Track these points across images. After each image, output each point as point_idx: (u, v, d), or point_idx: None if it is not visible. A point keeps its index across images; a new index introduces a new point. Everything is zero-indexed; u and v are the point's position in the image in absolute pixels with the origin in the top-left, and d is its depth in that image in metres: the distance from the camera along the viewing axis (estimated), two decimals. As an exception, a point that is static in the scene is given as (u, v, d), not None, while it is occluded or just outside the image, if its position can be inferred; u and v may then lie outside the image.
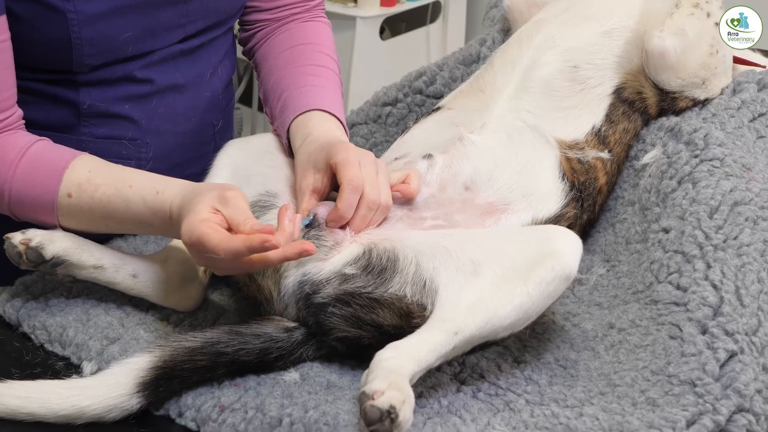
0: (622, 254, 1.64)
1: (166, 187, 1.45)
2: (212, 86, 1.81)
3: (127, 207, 1.46)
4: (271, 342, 1.40)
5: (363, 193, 1.44)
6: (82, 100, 1.65)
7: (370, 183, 1.45)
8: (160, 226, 1.47)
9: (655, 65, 1.69)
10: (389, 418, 1.17)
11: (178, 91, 1.74)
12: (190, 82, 1.76)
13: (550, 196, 1.58)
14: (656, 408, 1.31)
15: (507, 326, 1.34)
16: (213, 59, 1.79)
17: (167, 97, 1.73)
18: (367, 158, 1.48)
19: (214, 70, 1.80)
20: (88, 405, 1.30)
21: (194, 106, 1.76)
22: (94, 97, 1.66)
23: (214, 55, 1.80)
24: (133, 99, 1.69)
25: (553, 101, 1.66)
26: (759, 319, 1.39)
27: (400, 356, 1.27)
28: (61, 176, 1.48)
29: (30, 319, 1.49)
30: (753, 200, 1.53)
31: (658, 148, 1.68)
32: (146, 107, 1.70)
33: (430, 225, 1.50)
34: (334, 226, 1.45)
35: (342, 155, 1.46)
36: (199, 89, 1.77)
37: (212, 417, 1.32)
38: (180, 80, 1.74)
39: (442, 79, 1.99)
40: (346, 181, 1.44)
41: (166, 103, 1.72)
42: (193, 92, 1.76)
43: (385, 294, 1.39)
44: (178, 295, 1.54)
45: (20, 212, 1.51)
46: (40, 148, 1.51)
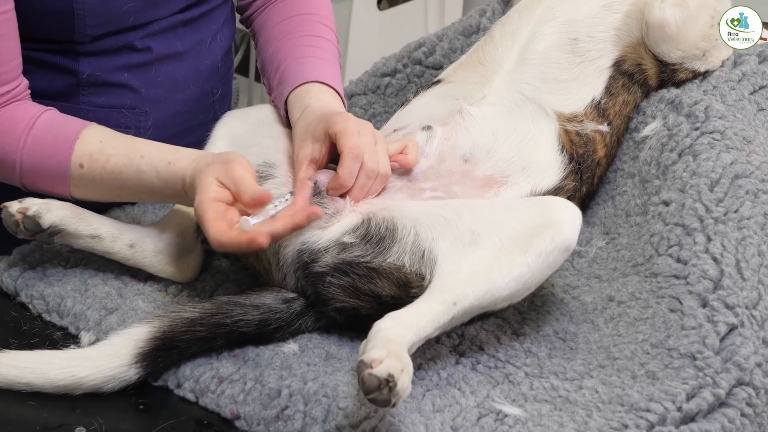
0: (621, 227, 1.63)
1: (177, 158, 1.45)
2: (211, 54, 1.80)
3: (139, 178, 1.46)
4: (270, 313, 1.39)
5: (362, 162, 1.44)
6: (82, 70, 1.64)
7: (369, 152, 1.45)
8: (173, 196, 1.47)
9: (655, 36, 1.68)
10: (387, 387, 1.16)
11: (177, 59, 1.73)
12: (190, 50, 1.75)
13: (548, 169, 1.57)
14: (656, 381, 1.31)
15: (506, 297, 1.34)
16: (212, 27, 1.78)
17: (166, 66, 1.71)
18: (366, 128, 1.48)
19: (213, 38, 1.79)
20: (86, 375, 1.30)
21: (193, 74, 1.75)
22: (94, 66, 1.65)
23: (214, 23, 1.79)
24: (132, 68, 1.68)
25: (553, 73, 1.65)
26: (759, 292, 1.39)
27: (398, 326, 1.26)
28: (73, 146, 1.47)
29: (28, 288, 1.49)
30: (753, 173, 1.53)
31: (658, 121, 1.67)
32: (145, 76, 1.69)
33: (429, 196, 1.50)
34: (334, 194, 1.45)
35: (341, 125, 1.46)
36: (198, 57, 1.76)
37: (211, 388, 1.32)
38: (179, 48, 1.73)
39: (442, 49, 1.98)
40: (347, 150, 1.43)
41: (165, 71, 1.71)
42: (192, 60, 1.75)
43: (384, 263, 1.39)
44: (175, 265, 1.54)
45: (31, 183, 1.50)
46: (49, 118, 1.50)
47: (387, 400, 1.16)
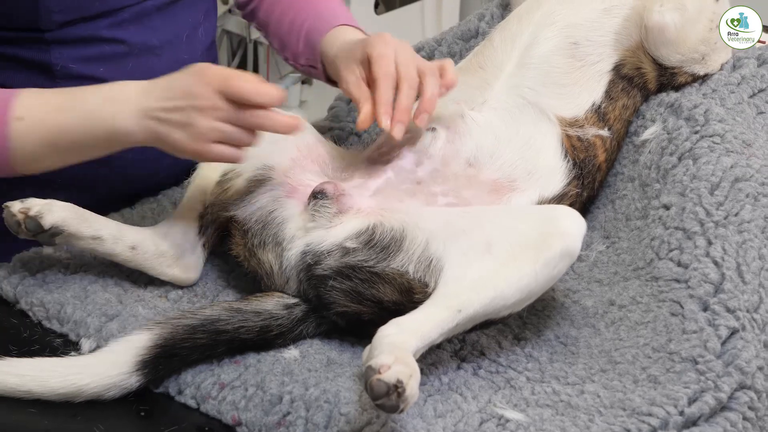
0: (622, 231, 1.63)
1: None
2: (191, 49, 1.78)
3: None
4: (272, 319, 1.39)
5: (398, 75, 1.48)
6: (54, 62, 1.63)
7: (403, 64, 1.49)
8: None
9: (654, 40, 1.68)
10: (396, 392, 1.16)
11: (154, 54, 1.71)
12: (166, 43, 1.73)
13: (554, 174, 1.57)
14: (658, 385, 1.31)
15: (510, 305, 1.34)
16: (189, 20, 1.77)
17: (143, 61, 1.70)
18: (403, 47, 1.53)
19: (193, 32, 1.78)
20: (87, 383, 1.30)
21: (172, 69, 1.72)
22: (66, 57, 1.63)
23: (190, 15, 1.77)
24: (106, 60, 1.66)
25: (553, 78, 1.65)
26: (760, 296, 1.39)
27: (403, 332, 1.26)
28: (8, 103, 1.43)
29: (28, 295, 1.48)
30: (754, 176, 1.53)
31: (658, 124, 1.67)
32: (122, 70, 1.67)
33: (443, 202, 1.50)
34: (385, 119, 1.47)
35: (379, 49, 1.51)
36: (176, 52, 1.74)
37: (212, 394, 1.32)
38: (154, 41, 1.71)
39: (441, 54, 1.98)
40: (381, 74, 1.48)
41: (142, 66, 1.69)
42: (169, 55, 1.73)
43: (387, 269, 1.39)
44: (176, 268, 1.54)
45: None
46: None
47: (395, 406, 1.16)
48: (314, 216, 1.44)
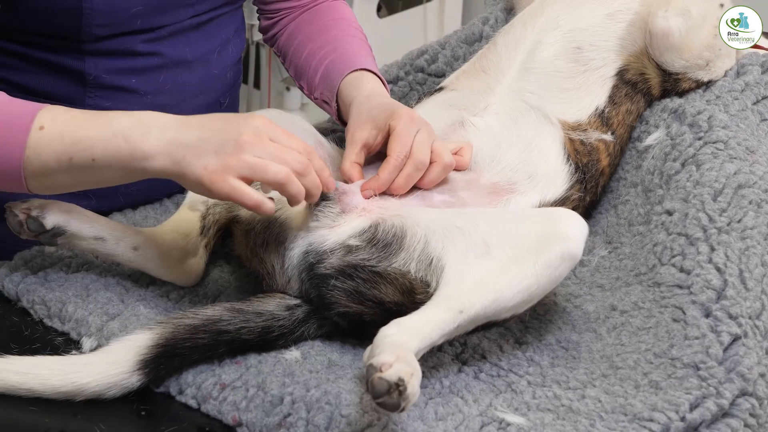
0: (624, 236, 1.63)
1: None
2: (221, 63, 1.79)
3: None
4: (273, 320, 1.39)
5: (411, 153, 1.47)
6: (89, 71, 1.63)
7: (418, 144, 1.48)
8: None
9: (658, 46, 1.68)
10: (398, 390, 1.16)
11: (186, 68, 1.72)
12: (199, 58, 1.74)
13: (555, 178, 1.57)
14: (659, 391, 1.30)
15: (511, 307, 1.33)
16: (222, 36, 1.78)
17: (175, 73, 1.71)
18: (425, 127, 1.51)
19: (223, 48, 1.78)
20: (88, 382, 1.29)
21: (201, 83, 1.74)
22: (100, 68, 1.64)
23: (223, 31, 1.78)
24: (140, 72, 1.67)
25: (557, 82, 1.65)
26: (763, 302, 1.39)
27: (404, 332, 1.26)
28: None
29: (29, 293, 1.48)
30: (757, 183, 1.53)
31: (661, 130, 1.67)
32: (153, 82, 1.68)
33: (439, 201, 1.50)
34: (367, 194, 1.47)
35: (402, 125, 1.49)
36: (207, 66, 1.76)
37: (213, 395, 1.31)
38: (188, 56, 1.72)
39: (444, 57, 1.98)
40: (394, 155, 1.47)
41: (173, 79, 1.70)
42: (200, 69, 1.75)
43: (389, 268, 1.38)
44: (178, 269, 1.53)
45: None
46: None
47: (396, 404, 1.16)
48: (317, 216, 1.44)
